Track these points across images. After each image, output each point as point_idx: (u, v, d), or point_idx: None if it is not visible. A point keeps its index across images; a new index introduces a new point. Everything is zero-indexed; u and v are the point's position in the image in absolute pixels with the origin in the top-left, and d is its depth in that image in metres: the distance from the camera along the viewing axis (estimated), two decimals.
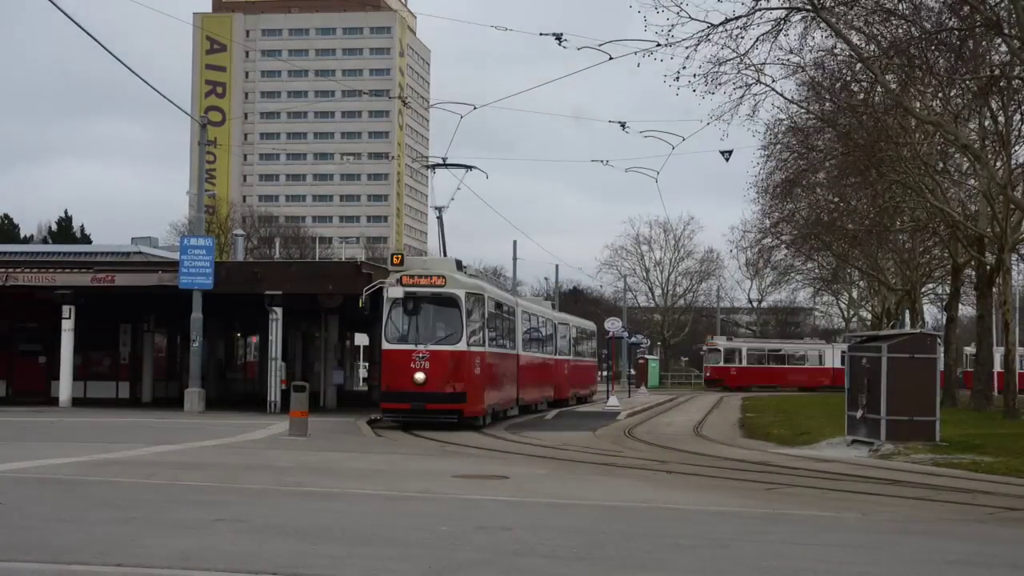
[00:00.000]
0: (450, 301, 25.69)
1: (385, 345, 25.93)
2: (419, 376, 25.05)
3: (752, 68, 25.29)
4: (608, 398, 42.64)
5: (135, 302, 34.99)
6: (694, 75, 23.89)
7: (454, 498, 13.27)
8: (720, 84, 24.77)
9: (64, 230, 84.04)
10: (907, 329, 42.21)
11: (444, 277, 25.72)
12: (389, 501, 12.93)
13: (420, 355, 25.19)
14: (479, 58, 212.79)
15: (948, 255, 42.67)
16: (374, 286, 26.41)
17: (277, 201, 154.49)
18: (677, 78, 23.15)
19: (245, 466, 16.31)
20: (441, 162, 30.19)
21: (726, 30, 23.38)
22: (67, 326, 31.69)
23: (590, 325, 50.11)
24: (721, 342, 75.90)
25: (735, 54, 24.21)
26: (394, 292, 25.44)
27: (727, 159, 29.04)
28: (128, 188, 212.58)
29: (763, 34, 24.19)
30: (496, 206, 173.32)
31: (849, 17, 26.92)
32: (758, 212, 53.22)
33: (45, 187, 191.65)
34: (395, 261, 26.58)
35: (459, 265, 27.54)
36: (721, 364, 73.56)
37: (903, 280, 48.24)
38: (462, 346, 25.57)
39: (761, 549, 10.00)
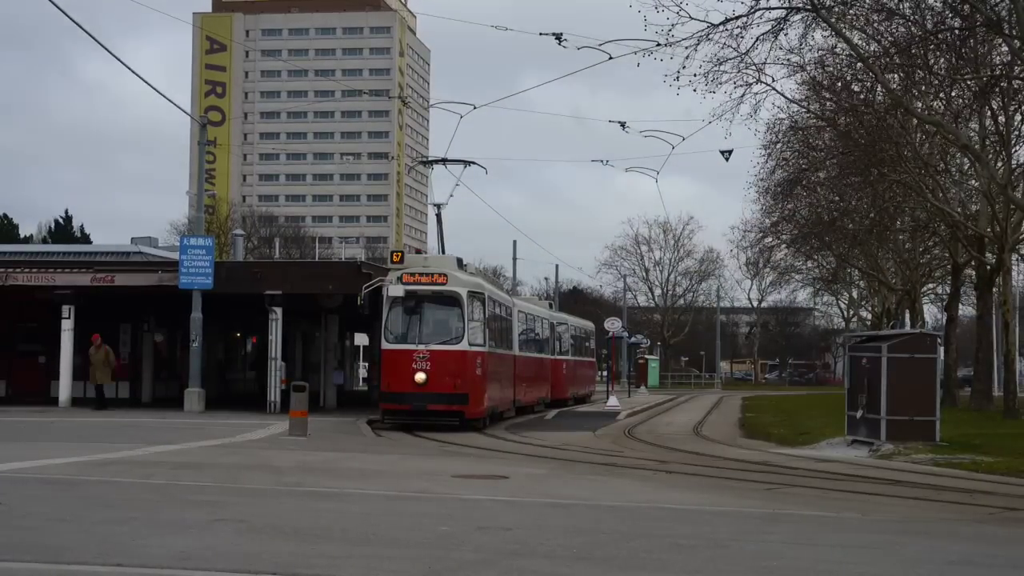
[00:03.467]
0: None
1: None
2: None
3: (753, 67, 25.27)
4: (608, 398, 42.64)
5: (135, 302, 34.96)
6: (694, 75, 23.88)
7: (454, 498, 13.26)
8: (720, 83, 24.76)
9: (64, 230, 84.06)
10: (907, 329, 42.21)
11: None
12: (389, 501, 12.92)
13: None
14: (479, 58, 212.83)
15: (948, 255, 42.66)
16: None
17: (277, 201, 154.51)
18: (677, 78, 23.14)
19: (245, 466, 16.30)
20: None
21: (726, 29, 23.35)
22: (67, 326, 31.66)
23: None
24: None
25: (736, 53, 24.19)
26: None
27: (727, 159, 29.09)
28: (128, 187, 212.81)
29: (763, 34, 24.14)
30: (496, 206, 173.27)
31: (850, 16, 26.90)
32: (759, 212, 53.30)
33: (45, 187, 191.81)
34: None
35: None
36: None
37: (903, 280, 48.22)
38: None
39: (761, 549, 9.99)
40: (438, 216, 30.97)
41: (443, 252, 29.75)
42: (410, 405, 25.07)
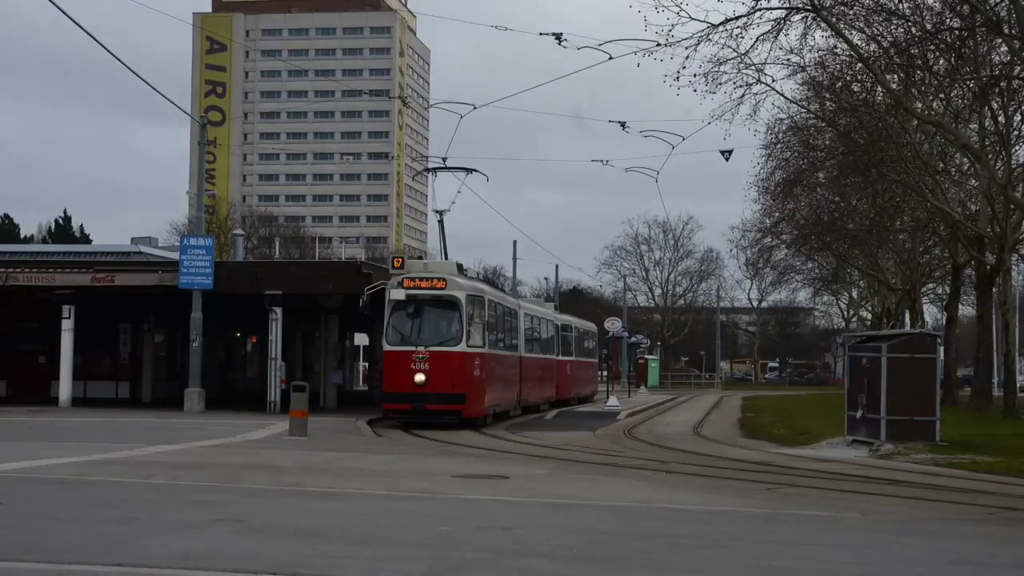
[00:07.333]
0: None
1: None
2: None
3: (752, 68, 25.29)
4: (608, 398, 42.65)
5: (135, 302, 34.98)
6: (694, 75, 23.92)
7: (454, 498, 13.26)
8: (720, 84, 24.79)
9: (64, 230, 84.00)
10: (907, 329, 42.20)
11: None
12: (389, 501, 12.92)
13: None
14: (479, 57, 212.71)
15: (948, 255, 42.65)
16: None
17: (277, 201, 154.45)
18: (677, 78, 23.18)
19: (245, 466, 16.30)
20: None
21: (726, 30, 23.40)
22: (67, 326, 31.68)
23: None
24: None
25: (735, 54, 24.22)
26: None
27: (727, 159, 29.06)
28: (128, 188, 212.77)
29: (763, 34, 24.19)
30: (496, 206, 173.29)
31: (849, 17, 26.91)
32: (758, 212, 53.25)
33: (45, 187, 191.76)
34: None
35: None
36: None
37: (903, 280, 48.23)
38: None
39: (761, 549, 10.00)
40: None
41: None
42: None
